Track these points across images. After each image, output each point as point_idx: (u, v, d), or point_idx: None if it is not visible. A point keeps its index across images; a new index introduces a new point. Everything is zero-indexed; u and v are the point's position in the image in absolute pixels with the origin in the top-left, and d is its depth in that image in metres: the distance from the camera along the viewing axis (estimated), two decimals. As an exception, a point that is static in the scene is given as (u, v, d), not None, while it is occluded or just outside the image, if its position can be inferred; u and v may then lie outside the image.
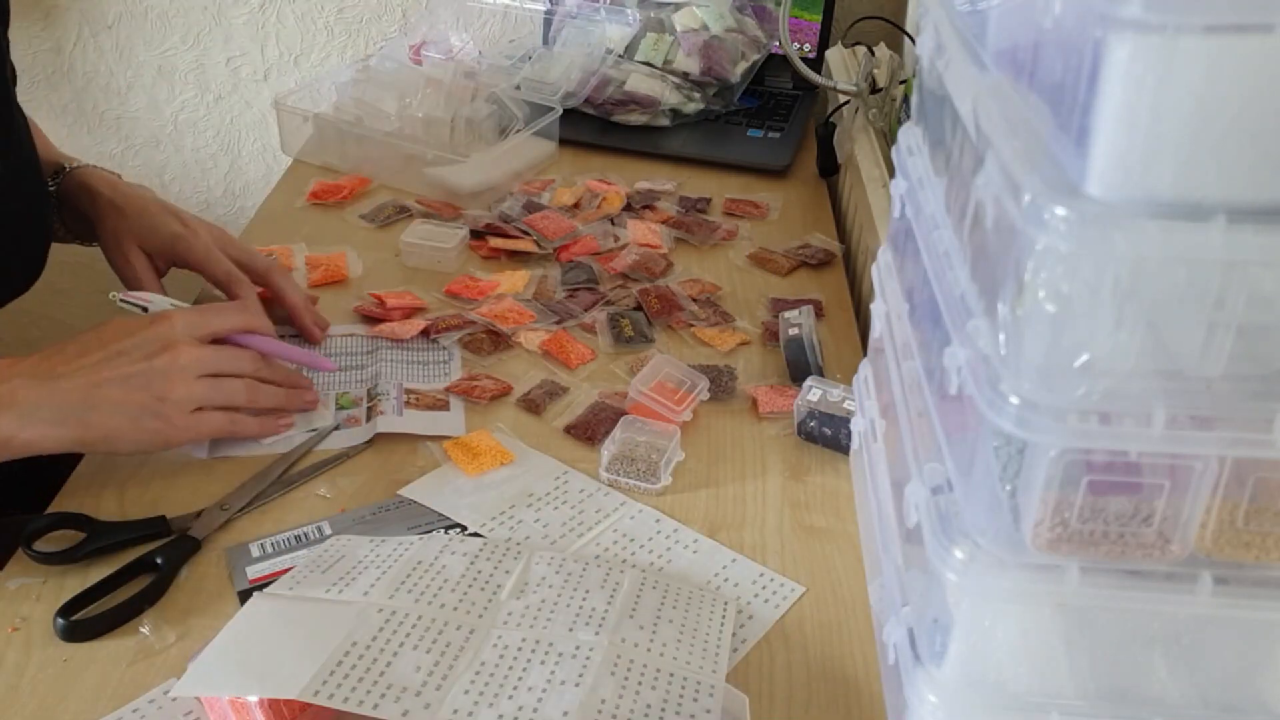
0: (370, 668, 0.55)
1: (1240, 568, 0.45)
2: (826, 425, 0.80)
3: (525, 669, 0.57)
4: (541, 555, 0.68)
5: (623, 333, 0.94)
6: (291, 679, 0.54)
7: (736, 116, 1.36)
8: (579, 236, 1.08)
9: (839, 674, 0.63)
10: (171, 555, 0.68)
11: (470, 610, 0.61)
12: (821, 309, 0.99)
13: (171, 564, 0.67)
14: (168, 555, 0.68)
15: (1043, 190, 0.41)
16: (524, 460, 0.79)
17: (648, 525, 0.73)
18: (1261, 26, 0.37)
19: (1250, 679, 0.49)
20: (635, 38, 1.36)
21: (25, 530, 0.68)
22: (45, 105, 1.75)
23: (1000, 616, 0.49)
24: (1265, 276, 0.40)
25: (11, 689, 0.60)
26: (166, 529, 0.70)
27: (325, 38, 1.66)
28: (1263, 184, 0.40)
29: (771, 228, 1.15)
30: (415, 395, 0.85)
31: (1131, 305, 0.41)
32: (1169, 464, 0.43)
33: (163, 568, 0.67)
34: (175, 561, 0.68)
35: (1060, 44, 0.43)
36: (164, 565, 0.67)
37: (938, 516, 0.50)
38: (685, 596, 0.66)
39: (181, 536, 0.69)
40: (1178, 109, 0.38)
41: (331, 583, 0.63)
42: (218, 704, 0.56)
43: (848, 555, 0.72)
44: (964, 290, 0.50)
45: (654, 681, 0.57)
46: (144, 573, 0.67)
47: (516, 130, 1.21)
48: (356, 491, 0.76)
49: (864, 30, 1.31)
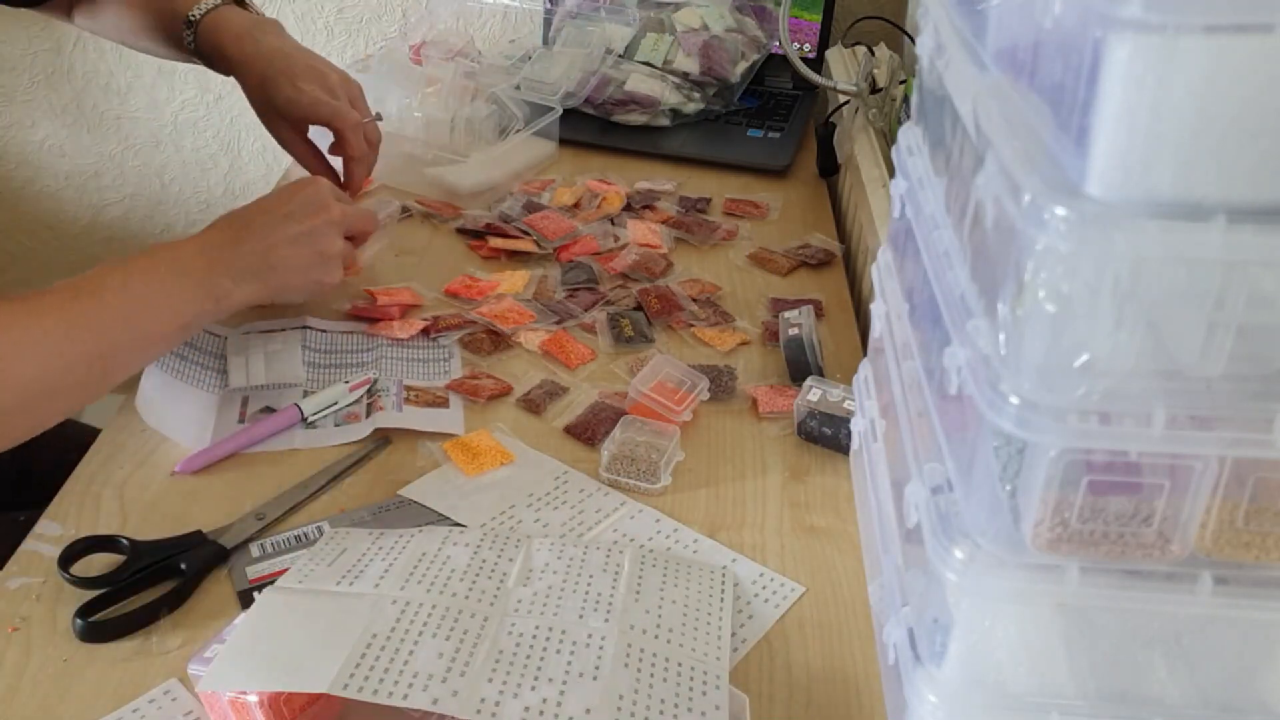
0: (394, 658, 0.56)
1: (1240, 568, 0.45)
2: (826, 425, 0.80)
3: (543, 658, 0.57)
4: (541, 542, 0.68)
5: (623, 333, 0.94)
6: (318, 672, 0.54)
7: (736, 116, 1.36)
8: (579, 236, 1.08)
9: (839, 674, 0.63)
10: (196, 562, 0.67)
11: (481, 599, 0.62)
12: (821, 309, 0.99)
13: (195, 570, 0.67)
14: (192, 561, 0.67)
15: (1043, 190, 0.41)
16: (524, 460, 0.79)
17: (648, 525, 0.73)
18: (1261, 26, 0.37)
19: (1250, 679, 0.49)
20: (635, 38, 1.36)
21: (61, 554, 0.67)
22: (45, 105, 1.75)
23: (1000, 616, 0.49)
24: (1265, 276, 0.40)
25: (11, 689, 0.60)
26: (205, 544, 0.69)
27: (325, 38, 1.66)
28: (1263, 184, 0.40)
29: (771, 228, 1.15)
30: (415, 392, 0.85)
31: (1131, 305, 0.41)
32: (1169, 464, 0.43)
33: (186, 573, 0.67)
34: (199, 568, 0.67)
35: (1060, 44, 0.43)
36: (188, 570, 0.67)
37: (938, 516, 0.50)
38: (685, 572, 0.67)
39: (208, 543, 0.69)
40: (1178, 109, 0.38)
41: (340, 575, 0.63)
42: (218, 704, 0.56)
43: (848, 555, 0.72)
44: (964, 290, 0.50)
45: (665, 674, 0.58)
46: (167, 577, 0.67)
47: (516, 130, 1.21)
48: (356, 492, 0.76)
49: (864, 30, 1.31)
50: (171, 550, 0.68)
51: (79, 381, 0.68)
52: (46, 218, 1.85)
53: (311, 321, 0.92)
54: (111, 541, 0.69)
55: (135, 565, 0.67)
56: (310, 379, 0.86)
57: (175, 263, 0.76)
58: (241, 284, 0.78)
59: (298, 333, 0.90)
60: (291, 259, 0.81)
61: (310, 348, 0.89)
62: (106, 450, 0.78)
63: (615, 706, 0.55)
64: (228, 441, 0.78)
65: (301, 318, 0.92)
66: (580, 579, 0.65)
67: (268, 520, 0.71)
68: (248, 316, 0.94)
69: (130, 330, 0.72)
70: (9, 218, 1.84)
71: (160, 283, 0.74)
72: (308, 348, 0.89)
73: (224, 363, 0.87)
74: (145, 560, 0.67)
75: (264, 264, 0.80)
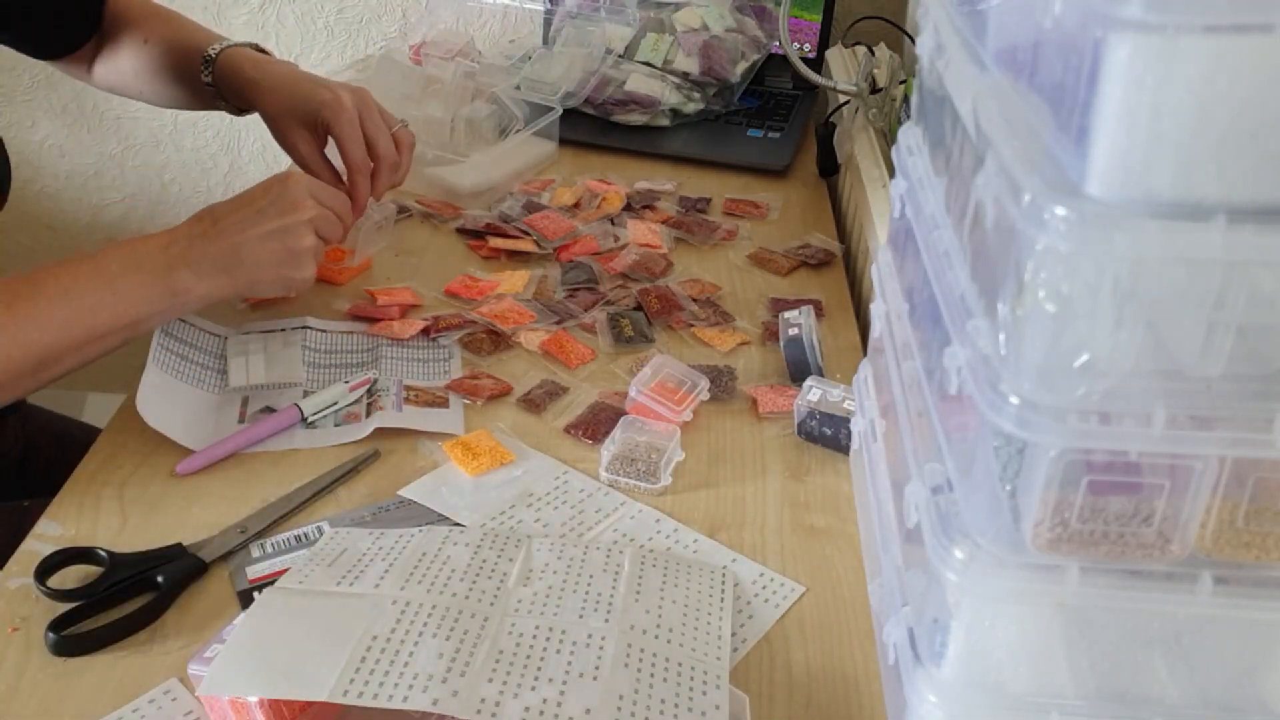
0: (394, 660, 0.56)
1: (1240, 568, 0.45)
2: (826, 425, 0.80)
3: (543, 658, 0.57)
4: (541, 542, 0.68)
5: (623, 333, 0.94)
6: (318, 679, 0.54)
7: (736, 116, 1.36)
8: (579, 236, 1.08)
9: (839, 674, 0.63)
10: (173, 576, 0.67)
11: (481, 599, 0.62)
12: (821, 309, 0.99)
13: (172, 585, 0.66)
14: (169, 575, 0.67)
15: (1043, 190, 0.41)
16: (524, 460, 0.79)
17: (648, 525, 0.73)
18: (1261, 26, 0.37)
19: (1250, 679, 0.49)
20: (635, 38, 1.36)
21: (37, 565, 0.66)
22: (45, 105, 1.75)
23: (1000, 616, 0.49)
24: (1265, 276, 0.40)
25: (11, 689, 0.60)
26: (186, 557, 0.69)
27: (325, 38, 1.66)
28: (1263, 184, 0.40)
29: (771, 228, 1.15)
30: (415, 392, 0.85)
31: (1131, 305, 0.41)
32: (1169, 464, 0.43)
33: (162, 587, 0.66)
34: (176, 583, 0.67)
35: (1060, 44, 0.43)
36: (164, 585, 0.66)
37: (938, 516, 0.50)
38: (685, 572, 0.67)
39: (188, 557, 0.68)
40: (1178, 109, 0.38)
41: (340, 575, 0.63)
42: (218, 704, 0.56)
43: (848, 555, 0.72)
44: (964, 290, 0.50)
45: (664, 674, 0.58)
46: (143, 590, 0.66)
47: (516, 130, 1.21)
48: (356, 492, 0.76)
49: (864, 30, 1.31)
50: (150, 563, 0.67)
51: (12, 379, 0.71)
52: (46, 218, 1.85)
53: (311, 321, 0.92)
54: (90, 553, 0.68)
55: (112, 578, 0.66)
56: (310, 379, 0.86)
57: (129, 259, 0.76)
58: (205, 279, 0.78)
59: (298, 333, 0.90)
60: (260, 255, 0.80)
61: (310, 348, 0.89)
62: (106, 450, 0.78)
63: (615, 706, 0.55)
64: (228, 441, 0.78)
65: (301, 318, 0.92)
66: (580, 579, 0.65)
67: (250, 534, 0.71)
68: (248, 316, 0.94)
69: (66, 335, 0.72)
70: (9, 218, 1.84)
71: (107, 281, 0.75)
72: (308, 348, 0.89)
73: (224, 363, 0.87)
74: (122, 573, 0.67)
75: (232, 259, 0.79)
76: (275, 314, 0.93)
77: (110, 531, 0.71)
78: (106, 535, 0.71)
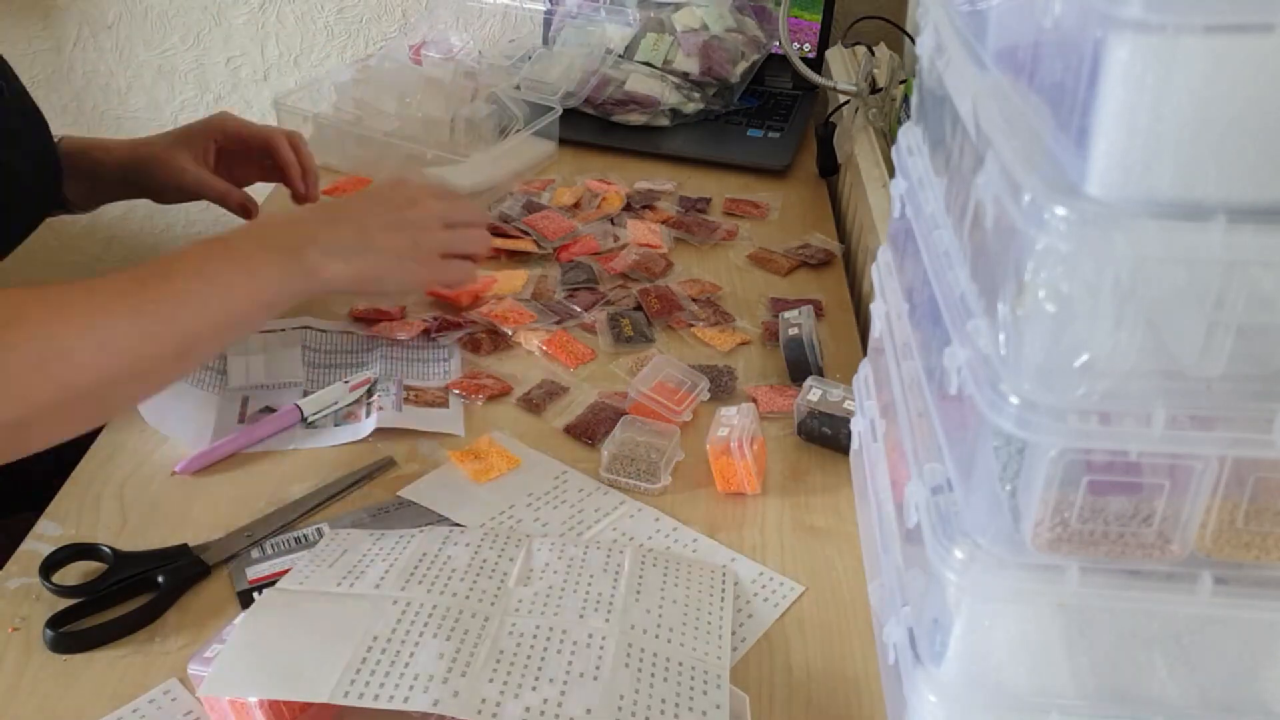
0: (395, 660, 0.56)
1: (1240, 568, 0.45)
2: (826, 425, 0.80)
3: (544, 658, 0.57)
4: (541, 542, 0.68)
5: (623, 333, 0.94)
6: (318, 680, 0.54)
7: (736, 116, 1.36)
8: (579, 236, 1.08)
9: (839, 674, 0.63)
10: (175, 577, 0.67)
11: (482, 599, 0.62)
12: (821, 309, 0.99)
13: (172, 586, 0.66)
14: (171, 575, 0.67)
15: (1043, 190, 0.41)
16: (524, 460, 0.79)
17: (647, 524, 0.73)
18: (1261, 26, 0.37)
19: (1250, 679, 0.49)
20: (635, 38, 1.36)
21: (43, 560, 0.67)
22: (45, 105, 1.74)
23: (1000, 616, 0.49)
24: (1265, 276, 0.40)
25: (11, 689, 0.60)
26: (189, 558, 0.69)
27: (325, 38, 1.66)
28: (1263, 184, 0.40)
29: (771, 228, 1.15)
30: (415, 392, 0.85)
31: (1131, 305, 0.41)
32: (1169, 464, 0.43)
33: (163, 587, 0.66)
34: (177, 583, 0.67)
35: (1060, 44, 0.43)
36: (164, 585, 0.66)
37: (938, 516, 0.50)
38: (685, 571, 0.67)
39: (191, 559, 0.68)
40: (1178, 109, 0.38)
41: (341, 576, 0.63)
42: (218, 704, 0.56)
43: (848, 555, 0.72)
44: (964, 290, 0.50)
45: (665, 673, 0.58)
46: (144, 590, 0.66)
47: (516, 130, 1.21)
48: (357, 493, 0.76)
49: (864, 30, 1.31)
50: (153, 563, 0.67)
51: (152, 368, 0.66)
52: (46, 218, 1.85)
53: (311, 321, 0.92)
54: (95, 550, 0.68)
55: (114, 576, 0.66)
56: (310, 379, 0.86)
57: (258, 238, 0.74)
58: (334, 259, 0.74)
59: (298, 333, 0.91)
60: (387, 243, 0.78)
61: (310, 348, 0.89)
62: (106, 450, 0.78)
63: (616, 706, 0.55)
64: (228, 441, 0.78)
65: (301, 318, 0.92)
66: (581, 579, 0.65)
67: (255, 539, 0.70)
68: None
69: (204, 315, 0.68)
70: (9, 218, 1.84)
71: (241, 260, 0.71)
72: (308, 348, 0.89)
73: (224, 362, 0.87)
74: (125, 571, 0.67)
75: (361, 243, 0.76)
76: (275, 314, 0.93)
77: (110, 531, 0.71)
78: (106, 535, 0.71)
